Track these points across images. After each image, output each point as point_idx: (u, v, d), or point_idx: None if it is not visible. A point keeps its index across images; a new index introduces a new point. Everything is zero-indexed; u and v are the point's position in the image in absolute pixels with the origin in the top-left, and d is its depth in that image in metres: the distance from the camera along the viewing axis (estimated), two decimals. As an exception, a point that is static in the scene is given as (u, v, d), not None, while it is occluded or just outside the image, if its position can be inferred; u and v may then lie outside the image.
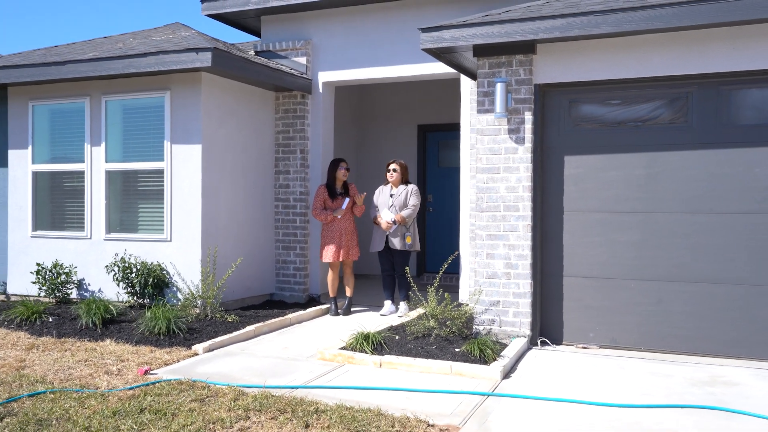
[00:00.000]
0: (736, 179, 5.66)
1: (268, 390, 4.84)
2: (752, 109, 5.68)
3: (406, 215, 7.48)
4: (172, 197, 7.62)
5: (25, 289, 8.39)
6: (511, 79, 6.17)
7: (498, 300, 6.20)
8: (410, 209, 7.53)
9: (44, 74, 7.92)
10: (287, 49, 8.73)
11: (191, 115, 7.53)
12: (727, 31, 5.50)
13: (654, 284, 5.90)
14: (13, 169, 8.61)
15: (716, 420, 4.21)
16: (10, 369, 5.45)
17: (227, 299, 7.73)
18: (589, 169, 6.12)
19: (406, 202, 7.56)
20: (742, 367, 5.40)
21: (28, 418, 4.24)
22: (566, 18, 5.69)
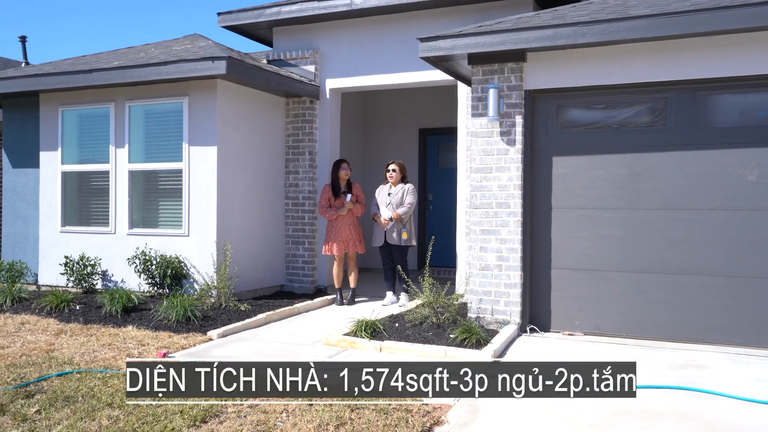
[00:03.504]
0: (712, 178, 5.66)
1: None
2: (726, 112, 5.69)
3: (402, 213, 7.53)
4: (190, 195, 7.68)
5: (55, 280, 8.47)
6: (503, 85, 6.17)
7: (490, 290, 6.21)
8: (406, 207, 7.58)
9: (73, 81, 8.00)
10: (297, 58, 8.77)
11: (208, 119, 7.59)
12: (702, 41, 5.50)
13: (635, 276, 5.90)
14: (44, 169, 8.69)
15: (688, 399, 4.25)
16: (40, 352, 5.51)
17: (241, 290, 7.79)
18: (576, 169, 6.12)
19: (403, 201, 7.60)
20: (716, 353, 5.41)
21: (56, 395, 4.30)
22: (554, 28, 5.71)
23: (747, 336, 5.53)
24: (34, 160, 8.97)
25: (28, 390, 4.44)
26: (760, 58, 5.38)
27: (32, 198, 9.03)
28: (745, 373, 4.82)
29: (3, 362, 5.18)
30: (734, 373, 4.82)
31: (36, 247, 8.90)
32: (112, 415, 3.96)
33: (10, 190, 9.34)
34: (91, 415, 3.96)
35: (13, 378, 4.73)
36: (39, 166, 8.80)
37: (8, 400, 4.24)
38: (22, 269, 8.64)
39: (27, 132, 9.06)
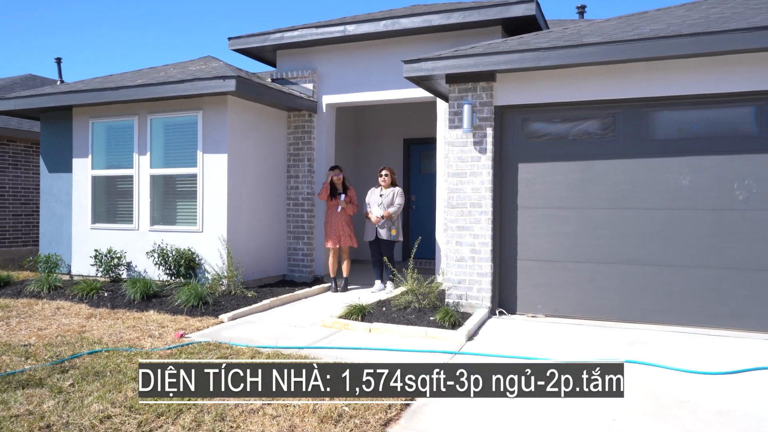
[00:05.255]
0: (652, 182, 5.73)
1: (279, 350, 4.88)
2: (665, 127, 5.75)
3: (392, 212, 7.59)
4: (203, 196, 7.70)
5: (86, 270, 8.47)
6: (476, 101, 6.22)
7: (465, 279, 6.26)
8: (395, 207, 7.64)
9: (101, 97, 7.99)
10: (297, 77, 8.80)
11: (219, 130, 7.61)
12: (644, 66, 5.58)
13: (588, 266, 5.97)
14: (76, 174, 8.68)
15: (632, 370, 4.30)
16: (73, 333, 5.54)
17: (248, 279, 7.82)
18: (538, 174, 6.16)
19: (393, 201, 7.66)
20: (656, 331, 5.48)
21: (87, 370, 4.34)
22: (519, 53, 5.77)
23: (681, 316, 5.62)
24: (67, 166, 8.95)
25: (63, 366, 4.48)
26: (693, 80, 5.47)
27: (66, 199, 9.01)
28: (680, 348, 4.90)
29: (41, 342, 5.21)
30: (671, 348, 4.90)
31: (69, 242, 8.89)
32: (136, 387, 3.98)
33: (47, 192, 9.31)
34: (117, 388, 4.00)
35: (50, 355, 4.76)
36: (72, 171, 8.79)
37: (46, 374, 4.28)
38: (57, 261, 8.63)
39: (61, 141, 9.04)
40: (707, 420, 3.47)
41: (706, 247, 5.55)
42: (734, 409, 3.63)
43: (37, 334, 5.50)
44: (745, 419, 3.48)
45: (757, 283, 5.40)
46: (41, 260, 8.62)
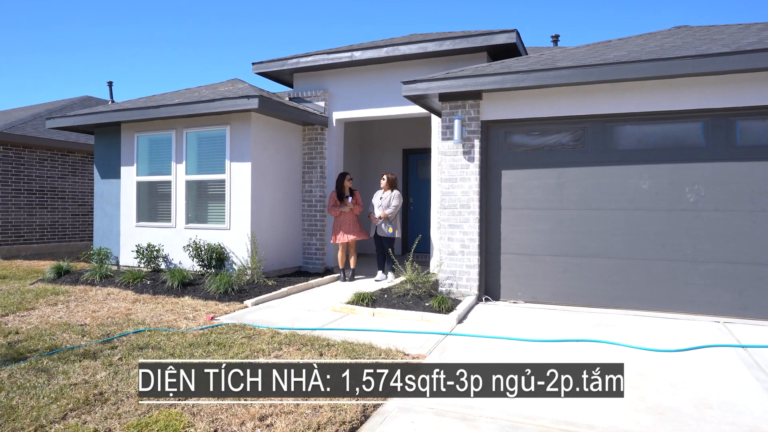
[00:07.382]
0: (616, 186, 5.73)
1: (295, 331, 4.89)
2: (627, 138, 5.74)
3: (388, 213, 7.56)
4: (231, 199, 7.72)
5: (131, 262, 8.50)
6: (464, 116, 6.23)
7: (456, 270, 6.26)
8: (391, 209, 7.61)
9: (145, 114, 8.02)
10: (311, 96, 8.82)
11: (244, 142, 7.63)
12: (609, 86, 5.58)
13: (561, 258, 5.97)
14: (123, 179, 8.72)
15: (598, 348, 4.33)
16: (121, 315, 5.58)
17: (268, 270, 7.84)
18: (519, 180, 6.17)
19: (390, 204, 7.67)
20: (620, 315, 5.49)
21: (133, 347, 4.38)
22: (502, 75, 5.78)
23: (641, 302, 5.62)
24: (116, 173, 9.00)
25: (112, 343, 4.52)
26: (651, 99, 5.48)
27: (115, 201, 9.05)
28: (639, 329, 4.91)
29: (94, 322, 5.25)
30: (632, 329, 4.91)
31: (117, 238, 8.93)
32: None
33: (99, 195, 9.36)
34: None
35: (102, 334, 4.81)
36: (120, 177, 8.84)
37: (99, 349, 4.33)
38: (107, 254, 8.67)
39: (111, 152, 9.09)
40: (661, 390, 3.48)
41: (662, 243, 5.55)
42: (683, 380, 3.64)
43: (91, 316, 5.54)
44: (692, 389, 3.49)
45: (706, 273, 5.40)
46: (94, 253, 8.66)
